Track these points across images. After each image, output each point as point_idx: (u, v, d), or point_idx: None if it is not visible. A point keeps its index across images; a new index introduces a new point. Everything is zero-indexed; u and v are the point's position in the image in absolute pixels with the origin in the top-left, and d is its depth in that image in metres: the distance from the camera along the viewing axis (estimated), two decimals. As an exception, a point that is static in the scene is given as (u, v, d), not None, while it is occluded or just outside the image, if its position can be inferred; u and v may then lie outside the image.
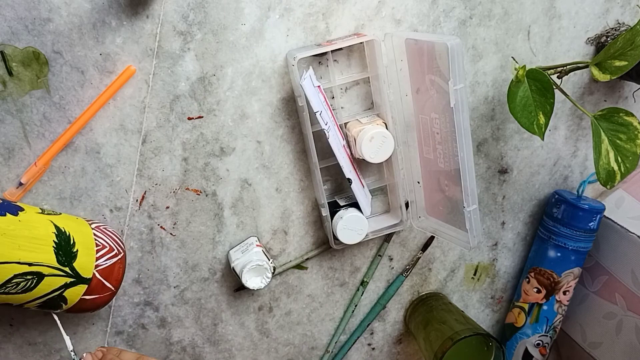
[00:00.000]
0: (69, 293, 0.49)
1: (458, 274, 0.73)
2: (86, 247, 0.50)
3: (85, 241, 0.50)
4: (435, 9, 0.58)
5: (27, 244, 0.45)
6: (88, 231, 0.51)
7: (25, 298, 0.47)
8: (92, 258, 0.50)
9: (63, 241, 0.48)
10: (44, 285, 0.47)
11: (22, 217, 0.47)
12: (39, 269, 0.46)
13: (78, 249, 0.49)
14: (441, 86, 0.53)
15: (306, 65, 0.56)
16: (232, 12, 0.53)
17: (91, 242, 0.50)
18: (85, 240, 0.50)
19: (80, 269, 0.49)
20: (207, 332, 0.65)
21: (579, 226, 0.66)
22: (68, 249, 0.48)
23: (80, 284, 0.49)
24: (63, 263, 0.48)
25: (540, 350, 0.72)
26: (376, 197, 0.64)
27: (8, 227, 0.45)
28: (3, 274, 0.44)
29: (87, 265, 0.49)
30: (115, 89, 0.52)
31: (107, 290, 0.51)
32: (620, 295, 0.67)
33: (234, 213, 0.60)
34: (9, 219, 0.45)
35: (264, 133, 0.58)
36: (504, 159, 0.68)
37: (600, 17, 0.65)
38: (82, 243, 0.49)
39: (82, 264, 0.49)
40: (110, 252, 0.51)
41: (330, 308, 0.69)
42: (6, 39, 0.48)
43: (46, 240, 0.47)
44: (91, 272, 0.50)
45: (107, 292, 0.51)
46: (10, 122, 0.51)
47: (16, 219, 0.46)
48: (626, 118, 0.55)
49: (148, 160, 0.56)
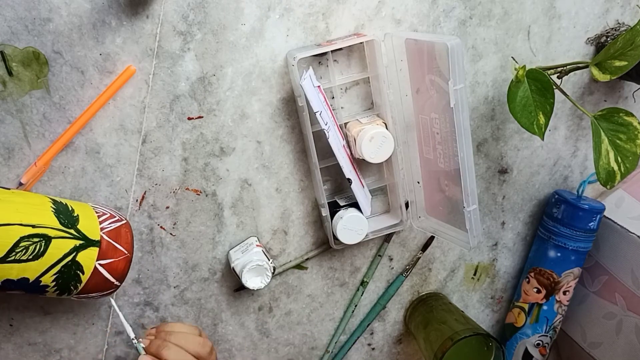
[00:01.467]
0: (82, 258, 0.48)
1: (458, 274, 0.73)
2: (86, 213, 0.50)
3: (84, 210, 0.50)
4: (435, 9, 0.58)
5: (26, 209, 0.46)
6: (85, 204, 0.52)
7: (40, 268, 0.46)
8: (95, 222, 0.50)
9: (61, 207, 0.48)
10: (53, 249, 0.46)
11: (14, 190, 0.48)
12: (45, 231, 0.46)
13: (78, 214, 0.49)
14: (441, 86, 0.53)
15: (306, 65, 0.56)
16: (232, 12, 0.53)
17: (90, 210, 0.51)
18: (84, 209, 0.50)
19: (86, 231, 0.48)
20: (207, 332, 0.65)
21: (579, 226, 0.66)
22: (68, 213, 0.48)
23: (91, 247, 0.48)
24: (66, 225, 0.47)
25: (540, 350, 0.72)
26: (376, 197, 0.64)
27: (2, 194, 0.46)
28: (9, 237, 0.44)
29: (92, 227, 0.49)
30: (115, 89, 0.52)
31: (121, 253, 0.50)
32: (620, 295, 0.67)
33: (234, 213, 0.60)
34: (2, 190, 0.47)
35: (264, 133, 0.58)
36: (504, 159, 0.68)
37: (600, 17, 0.65)
38: (81, 211, 0.50)
39: (86, 226, 0.49)
40: (112, 217, 0.52)
41: (330, 308, 0.69)
42: (6, 39, 0.48)
43: (44, 206, 0.47)
44: (98, 235, 0.49)
45: (122, 256, 0.50)
46: (10, 122, 0.51)
47: (10, 190, 0.47)
48: (626, 118, 0.55)
49: (148, 160, 0.56)
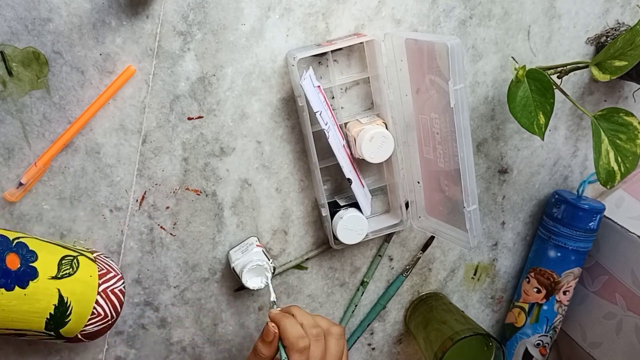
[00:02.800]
0: (46, 341, 0.51)
1: (458, 274, 0.73)
2: (80, 316, 0.50)
3: (82, 311, 0.50)
4: (435, 9, 0.58)
5: (22, 317, 0.46)
6: (92, 298, 0.51)
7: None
8: (81, 326, 0.50)
9: (59, 313, 0.48)
10: (23, 338, 0.49)
11: (30, 289, 0.46)
12: (24, 332, 0.48)
13: (72, 318, 0.49)
14: (441, 86, 0.53)
15: (306, 65, 0.56)
16: (232, 12, 0.53)
17: (88, 311, 0.51)
18: (83, 310, 0.50)
19: (65, 333, 0.50)
20: (207, 332, 0.65)
21: (579, 226, 0.66)
22: (61, 320, 0.49)
23: (60, 340, 0.51)
24: (50, 330, 0.49)
25: (540, 350, 0.72)
26: (376, 197, 0.64)
27: (10, 302, 0.45)
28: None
29: (74, 330, 0.50)
30: (115, 89, 0.52)
31: (83, 342, 0.53)
32: (620, 295, 0.67)
33: (234, 213, 0.60)
34: (15, 294, 0.45)
35: (264, 133, 0.58)
36: (504, 159, 0.68)
37: (600, 17, 0.65)
38: (78, 313, 0.50)
39: (68, 330, 0.50)
40: (103, 319, 0.52)
41: (330, 308, 0.69)
42: (6, 39, 0.48)
43: (42, 314, 0.47)
44: (74, 335, 0.51)
45: (82, 343, 0.53)
46: (10, 122, 0.51)
47: (22, 292, 0.45)
48: (626, 118, 0.55)
49: (148, 160, 0.56)
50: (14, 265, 0.45)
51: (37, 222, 0.54)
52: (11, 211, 0.53)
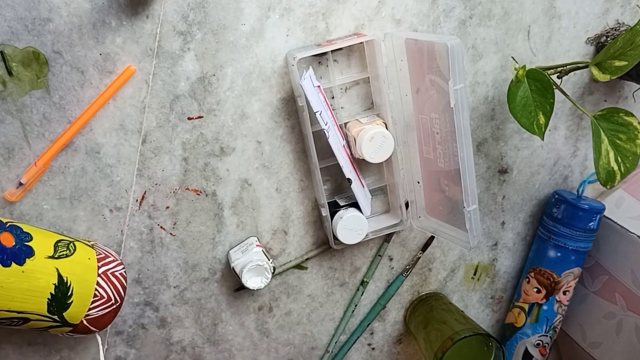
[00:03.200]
0: (52, 330, 0.50)
1: (458, 274, 0.73)
2: (83, 298, 0.49)
3: (84, 292, 0.50)
4: (435, 9, 0.58)
5: (22, 296, 0.46)
6: (92, 279, 0.50)
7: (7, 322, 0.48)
8: (84, 309, 0.50)
9: (60, 293, 0.48)
10: (28, 325, 0.48)
11: (27, 266, 0.46)
12: (27, 316, 0.47)
13: (74, 300, 0.49)
14: (441, 86, 0.53)
15: (306, 65, 0.56)
16: (232, 12, 0.53)
17: (90, 292, 0.50)
18: (84, 291, 0.50)
19: (69, 318, 0.49)
20: (207, 332, 0.65)
21: (579, 226, 0.66)
22: (62, 301, 0.48)
23: (65, 327, 0.50)
24: (53, 312, 0.48)
25: (540, 350, 0.72)
26: (376, 197, 0.64)
27: (8, 279, 0.44)
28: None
29: (78, 314, 0.50)
30: (115, 89, 0.52)
31: (91, 332, 0.52)
32: (620, 295, 0.67)
33: (234, 213, 0.60)
34: (12, 270, 0.45)
35: (264, 133, 0.58)
36: (504, 159, 0.68)
37: (600, 17, 0.65)
38: (80, 294, 0.49)
39: (72, 314, 0.49)
40: (107, 302, 0.51)
41: (330, 308, 0.69)
42: (6, 39, 0.48)
43: (43, 293, 0.47)
44: (79, 320, 0.50)
45: (90, 333, 0.52)
46: (10, 122, 0.51)
47: (20, 269, 0.45)
48: (626, 118, 0.55)
49: (148, 160, 0.56)
50: (9, 242, 0.45)
51: (37, 222, 0.54)
52: (11, 211, 0.53)
